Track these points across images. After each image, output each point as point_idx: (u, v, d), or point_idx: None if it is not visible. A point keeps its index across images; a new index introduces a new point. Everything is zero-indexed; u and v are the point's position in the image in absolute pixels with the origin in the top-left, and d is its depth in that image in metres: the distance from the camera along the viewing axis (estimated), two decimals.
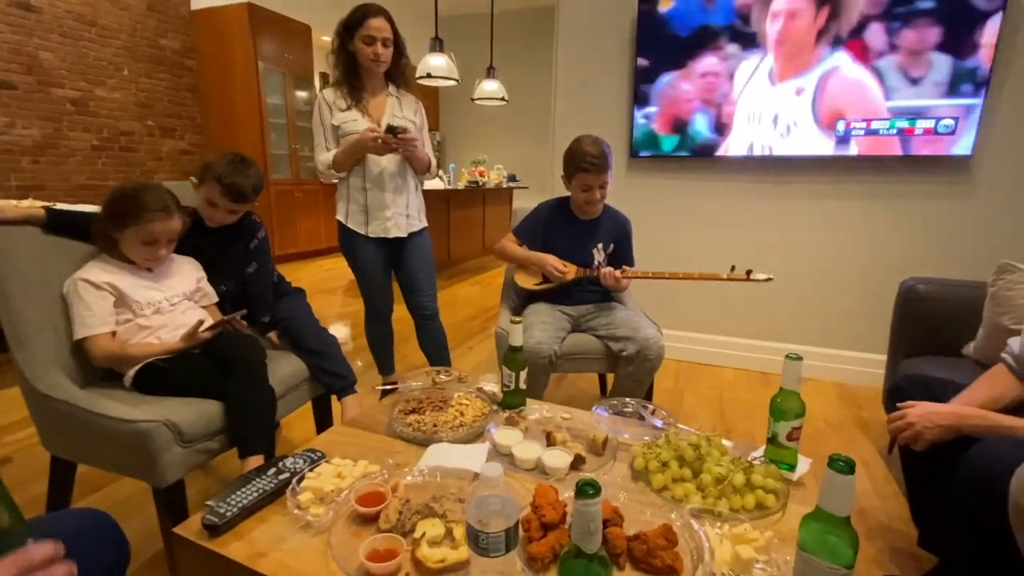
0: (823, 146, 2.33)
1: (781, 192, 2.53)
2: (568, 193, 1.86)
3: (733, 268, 1.66)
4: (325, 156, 1.84)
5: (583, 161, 1.67)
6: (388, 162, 1.87)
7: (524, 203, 7.65)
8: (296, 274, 4.98)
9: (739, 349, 2.72)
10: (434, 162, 2.02)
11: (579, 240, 1.84)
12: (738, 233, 2.63)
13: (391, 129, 1.72)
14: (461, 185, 5.54)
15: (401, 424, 1.15)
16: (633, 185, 2.77)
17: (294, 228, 5.53)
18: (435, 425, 1.13)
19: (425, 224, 2.08)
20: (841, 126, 2.29)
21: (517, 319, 1.23)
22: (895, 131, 2.23)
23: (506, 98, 5.77)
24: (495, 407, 1.26)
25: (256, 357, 1.35)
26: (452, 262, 5.55)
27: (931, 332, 1.68)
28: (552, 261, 1.78)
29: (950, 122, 2.15)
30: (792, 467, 1.05)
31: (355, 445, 1.13)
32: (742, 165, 2.55)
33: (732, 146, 2.47)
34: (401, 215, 1.94)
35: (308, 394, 1.60)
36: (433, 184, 4.88)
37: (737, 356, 2.73)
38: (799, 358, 0.97)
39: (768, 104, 2.36)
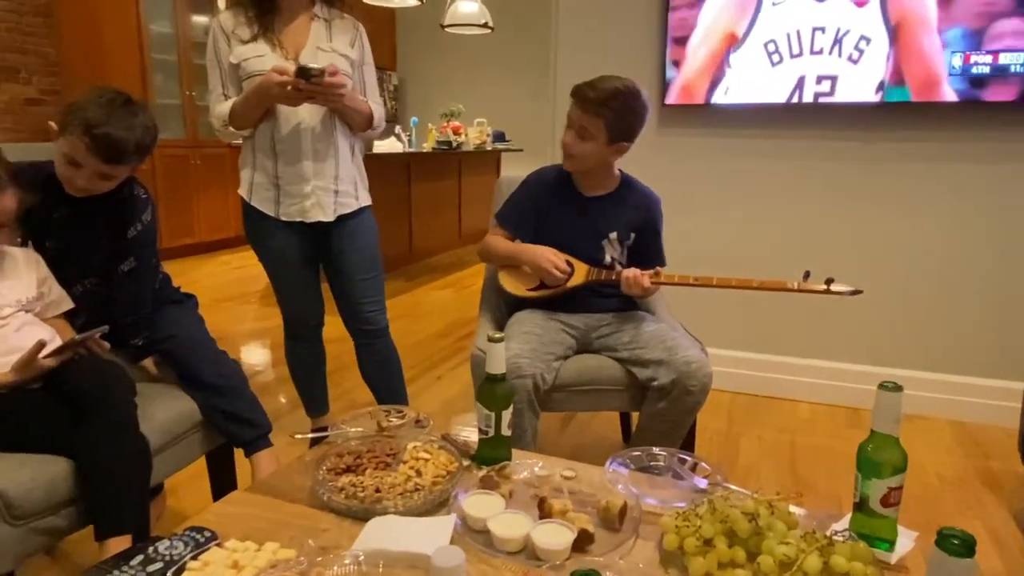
0: (925, 90, 2.34)
1: (871, 155, 2.54)
2: None
3: (807, 275, 1.65)
4: (221, 107, 1.82)
5: (581, 87, 1.71)
6: (308, 116, 1.83)
7: (516, 172, 7.64)
8: (191, 275, 4.95)
9: (818, 376, 2.72)
10: (380, 114, 2.00)
11: (586, 226, 1.83)
12: (811, 219, 2.63)
13: (303, 71, 1.65)
14: (427, 147, 5.54)
15: (330, 489, 1.13)
16: (666, 147, 2.76)
17: (190, 210, 5.50)
18: (378, 490, 1.11)
19: (367, 203, 2.06)
20: (958, 60, 2.29)
21: (497, 335, 1.21)
22: None
23: (491, 24, 5.79)
24: (467, 462, 1.24)
25: (121, 394, 1.32)
26: (414, 256, 5.55)
27: None
28: (549, 256, 1.77)
29: None
30: (890, 544, 1.04)
31: (263, 520, 1.10)
32: (802, 116, 2.55)
33: (784, 87, 2.48)
34: (326, 190, 1.91)
35: (201, 446, 1.57)
36: (386, 146, 4.87)
37: (815, 386, 2.73)
38: (898, 388, 0.95)
39: (840, 20, 2.37)
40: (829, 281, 1.64)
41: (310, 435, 1.32)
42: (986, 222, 2.47)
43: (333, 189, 1.92)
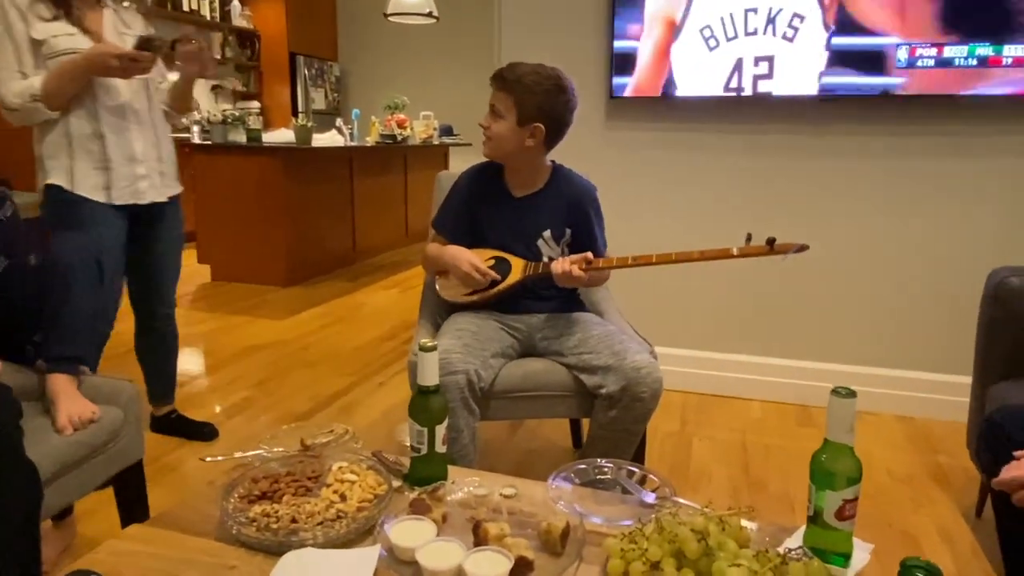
0: (874, 82, 2.35)
1: (818, 148, 2.54)
2: None
3: (749, 238, 1.59)
4: (22, 84, 1.78)
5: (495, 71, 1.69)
6: (130, 94, 1.92)
7: (463, 167, 7.56)
8: None
9: (768, 373, 2.72)
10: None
11: (519, 227, 1.77)
12: (758, 212, 2.63)
13: (146, 43, 1.77)
14: (370, 140, 5.39)
15: (240, 520, 1.03)
16: (613, 143, 2.71)
17: None
18: (295, 520, 1.01)
19: (180, 189, 2.17)
20: (903, 53, 2.30)
21: (429, 343, 1.13)
22: (975, 61, 2.26)
23: (435, 14, 5.68)
24: (398, 483, 1.15)
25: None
26: (358, 256, 5.40)
27: None
28: (468, 259, 1.71)
29: None
30: (846, 559, 1.00)
31: (162, 558, 1.00)
32: (746, 107, 2.54)
33: (722, 72, 2.46)
34: (156, 172, 2.01)
35: (106, 469, 1.45)
36: (326, 139, 4.72)
37: (766, 384, 2.73)
38: (851, 394, 0.91)
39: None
40: (771, 241, 1.58)
41: (220, 458, 1.21)
42: (934, 217, 2.49)
43: (159, 171, 2.02)
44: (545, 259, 1.76)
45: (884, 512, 1.93)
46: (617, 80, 2.58)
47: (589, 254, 1.65)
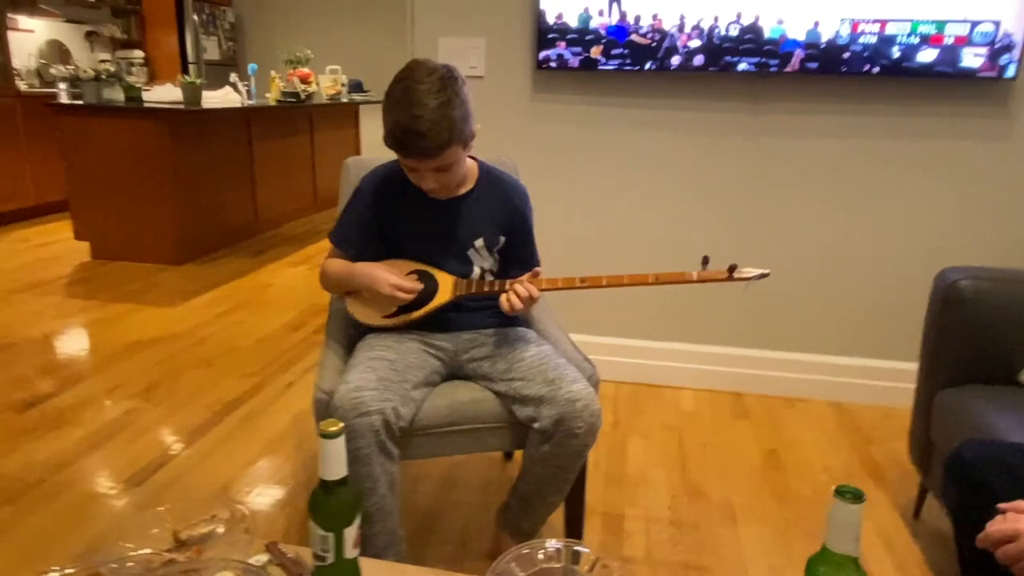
0: (825, 59, 2.20)
1: (756, 127, 2.39)
2: None
3: (706, 262, 1.43)
4: None
5: (398, 134, 1.32)
6: None
7: (377, 128, 7.10)
8: None
9: (700, 361, 2.63)
10: None
11: (445, 236, 1.52)
12: (688, 195, 2.48)
13: None
14: (271, 98, 4.91)
15: None
16: (540, 119, 2.48)
17: None
18: None
19: None
20: (845, 29, 2.16)
21: (331, 428, 0.88)
22: (916, 38, 2.15)
23: None
24: None
25: None
26: (261, 227, 4.98)
27: (983, 350, 1.62)
28: (387, 279, 1.46)
29: (990, 27, 2.11)
30: None
31: None
32: (692, 83, 2.36)
33: (671, 49, 2.27)
34: None
35: None
36: (219, 98, 4.23)
37: (697, 372, 2.64)
38: (859, 498, 0.74)
39: None
40: (732, 269, 1.44)
41: (70, 571, 0.94)
42: (864, 201, 2.41)
43: None
44: (476, 270, 1.53)
45: (821, 513, 1.87)
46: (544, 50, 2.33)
47: (538, 270, 1.44)
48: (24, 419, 2.30)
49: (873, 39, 2.16)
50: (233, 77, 4.73)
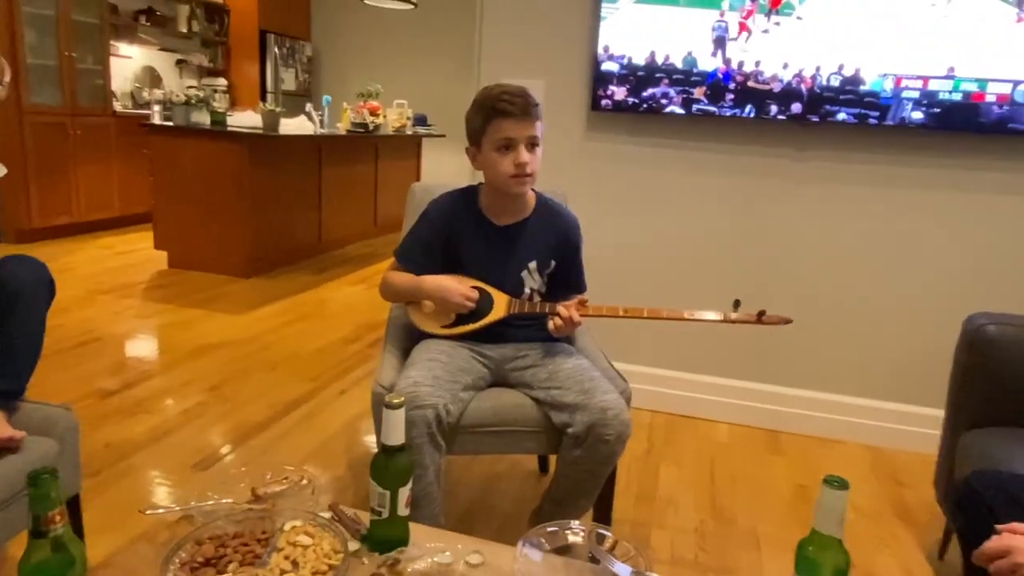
0: (861, 109, 2.31)
1: (799, 174, 2.50)
2: (471, 180, 1.72)
3: (737, 304, 1.56)
4: None
5: (498, 100, 1.54)
6: None
7: (438, 161, 7.46)
8: (66, 260, 4.50)
9: (737, 396, 2.70)
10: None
11: (502, 257, 1.69)
12: (734, 236, 2.59)
13: None
14: (341, 128, 5.24)
15: None
16: (594, 156, 2.64)
17: (67, 186, 4.99)
18: None
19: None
20: (888, 84, 2.27)
21: (395, 400, 1.04)
22: (959, 95, 2.24)
23: (413, 0, 5.52)
24: (356, 545, 1.07)
25: None
26: (324, 247, 5.26)
27: (1008, 393, 1.68)
28: (455, 288, 1.63)
29: None
30: None
31: None
32: (741, 129, 2.50)
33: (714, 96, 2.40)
34: None
35: None
36: (294, 126, 4.56)
37: (733, 406, 2.70)
38: (844, 485, 0.85)
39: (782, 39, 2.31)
40: (761, 314, 1.56)
41: (161, 510, 1.12)
42: (906, 248, 2.48)
43: None
44: (527, 290, 1.70)
45: (850, 553, 1.92)
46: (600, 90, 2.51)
47: (585, 297, 1.60)
48: (105, 405, 2.53)
49: (916, 94, 2.26)
50: (308, 107, 5.07)
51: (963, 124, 2.26)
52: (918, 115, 2.28)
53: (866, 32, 2.25)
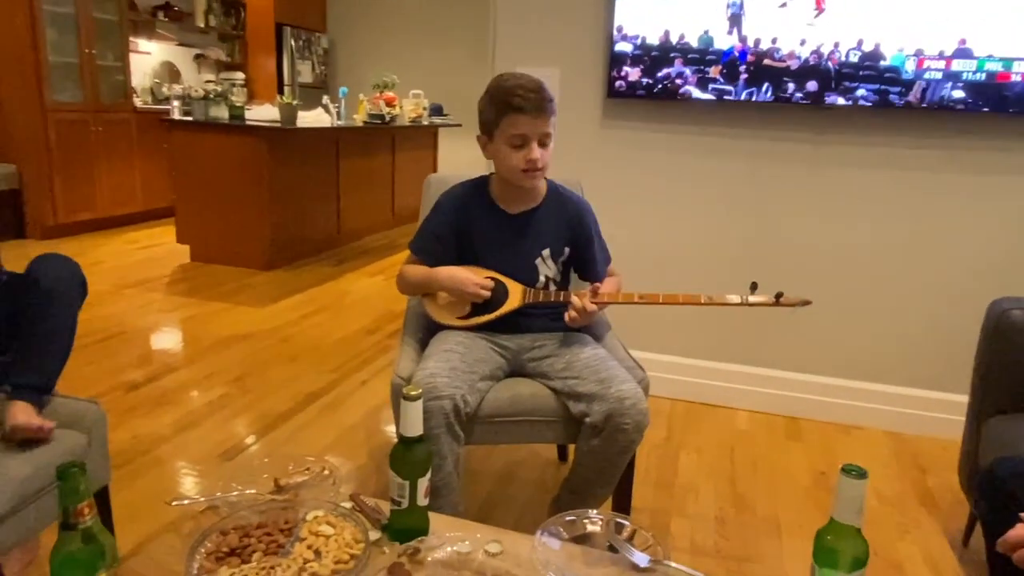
0: (881, 91, 2.27)
1: (818, 157, 2.47)
2: (485, 170, 1.71)
3: (754, 287, 1.55)
4: None
5: (512, 95, 1.53)
6: None
7: (454, 149, 7.45)
8: (92, 255, 4.58)
9: (756, 383, 2.68)
10: None
11: (516, 246, 1.69)
12: (754, 221, 2.57)
13: None
14: (358, 119, 5.25)
15: None
16: (610, 144, 2.63)
17: (90, 182, 5.07)
18: None
19: None
20: (911, 64, 2.23)
21: (413, 392, 1.05)
22: (983, 75, 2.20)
23: None
24: (377, 535, 1.09)
25: None
26: (343, 239, 5.30)
27: None
28: (469, 278, 1.64)
29: None
30: None
31: None
32: (759, 113, 2.47)
33: (732, 81, 2.38)
34: None
35: None
36: (312, 118, 4.58)
37: (753, 394, 2.69)
38: (863, 475, 0.85)
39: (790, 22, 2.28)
40: (779, 296, 1.55)
41: (187, 502, 1.14)
42: (928, 232, 2.44)
43: None
44: (541, 279, 1.70)
45: (871, 539, 1.87)
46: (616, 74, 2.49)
47: (598, 285, 1.59)
48: (131, 398, 2.58)
49: (939, 75, 2.22)
50: (325, 99, 5.08)
51: (986, 104, 2.22)
52: (941, 95, 2.23)
53: (886, 7, 2.21)
